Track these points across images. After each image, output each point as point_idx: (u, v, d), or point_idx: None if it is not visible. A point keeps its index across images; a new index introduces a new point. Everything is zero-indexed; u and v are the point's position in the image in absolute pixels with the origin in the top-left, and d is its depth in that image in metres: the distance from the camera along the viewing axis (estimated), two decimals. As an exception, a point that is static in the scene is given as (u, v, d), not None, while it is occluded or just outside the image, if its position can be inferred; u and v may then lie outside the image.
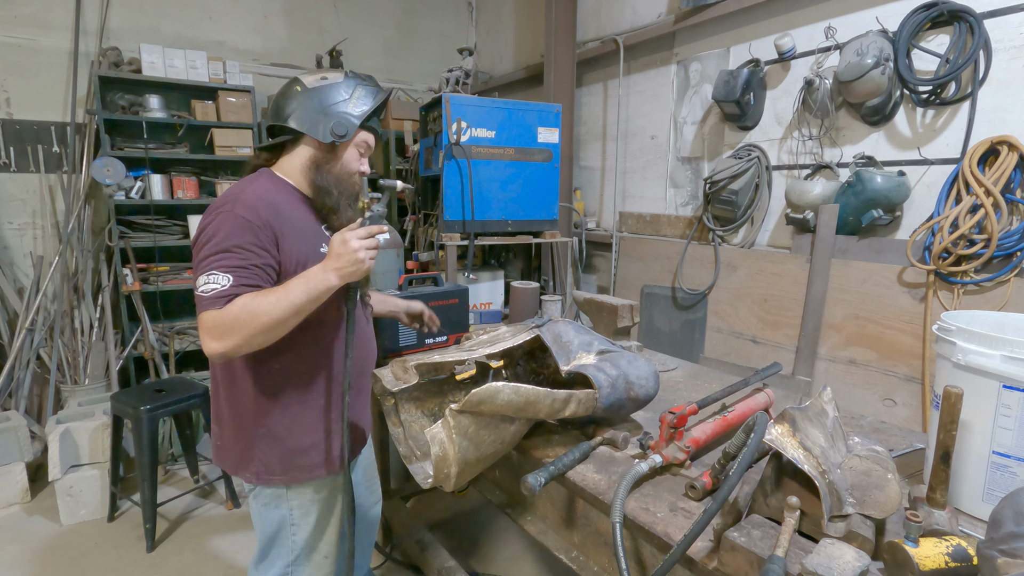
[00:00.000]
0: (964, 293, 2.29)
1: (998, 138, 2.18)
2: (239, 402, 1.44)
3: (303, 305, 1.28)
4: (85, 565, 2.64)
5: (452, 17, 5.58)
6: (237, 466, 1.48)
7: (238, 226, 1.29)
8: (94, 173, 3.63)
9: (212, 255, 1.27)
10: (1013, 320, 1.24)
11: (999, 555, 0.80)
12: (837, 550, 0.88)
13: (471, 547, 2.79)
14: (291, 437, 1.46)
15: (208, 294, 1.24)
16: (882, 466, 1.09)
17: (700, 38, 3.39)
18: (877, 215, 2.48)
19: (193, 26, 4.36)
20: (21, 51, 3.80)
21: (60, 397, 3.70)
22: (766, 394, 1.65)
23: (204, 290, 1.24)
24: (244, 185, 1.39)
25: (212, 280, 1.25)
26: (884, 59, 2.37)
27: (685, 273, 3.42)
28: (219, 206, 1.33)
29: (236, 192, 1.36)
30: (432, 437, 1.27)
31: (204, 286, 1.25)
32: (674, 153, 3.64)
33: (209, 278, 1.25)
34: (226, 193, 1.38)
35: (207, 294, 1.24)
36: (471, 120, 2.72)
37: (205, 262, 1.27)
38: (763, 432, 1.02)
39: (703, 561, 1.02)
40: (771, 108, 3.03)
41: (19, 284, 3.87)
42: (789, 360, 2.84)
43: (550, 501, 1.50)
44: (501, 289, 2.99)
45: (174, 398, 2.86)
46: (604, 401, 1.44)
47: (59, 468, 2.88)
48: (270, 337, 1.28)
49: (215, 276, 1.25)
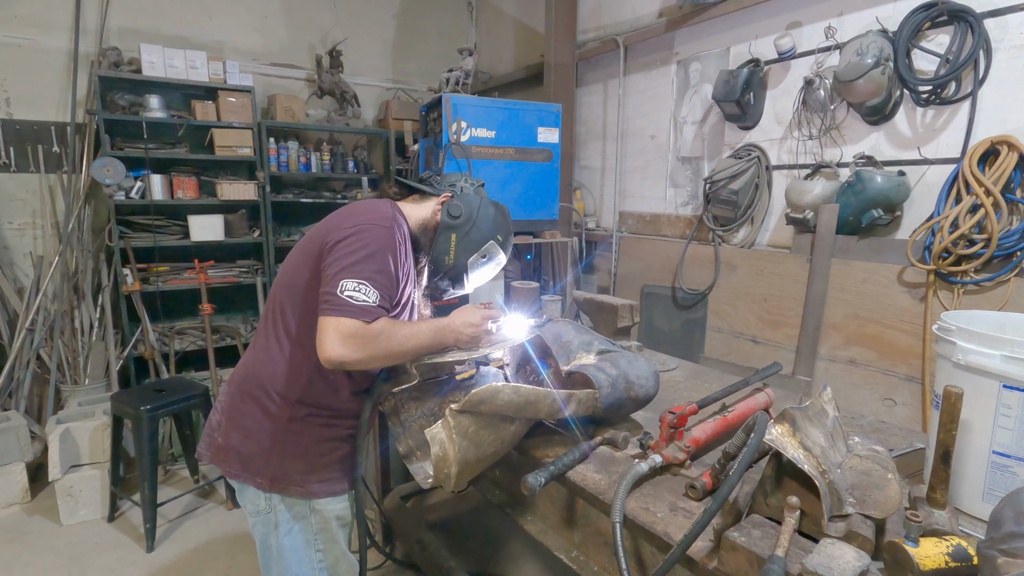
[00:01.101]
0: (964, 293, 2.29)
1: (998, 138, 2.18)
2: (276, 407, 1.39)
3: (426, 349, 1.39)
4: (85, 565, 2.64)
5: (452, 17, 5.58)
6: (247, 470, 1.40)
7: (394, 248, 1.33)
8: (94, 173, 3.63)
9: (368, 264, 1.27)
10: (1013, 320, 1.24)
11: (999, 555, 0.80)
12: (837, 550, 0.87)
13: (471, 547, 2.79)
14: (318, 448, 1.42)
15: (358, 302, 1.23)
16: (882, 466, 1.09)
17: (700, 38, 3.39)
18: (877, 215, 2.48)
19: (193, 26, 4.36)
20: (21, 51, 3.80)
21: (60, 397, 3.70)
22: (766, 394, 1.65)
23: (355, 296, 1.23)
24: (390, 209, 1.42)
25: (364, 291, 1.24)
26: (884, 59, 2.37)
27: (685, 273, 3.42)
28: (378, 218, 1.35)
29: (389, 212, 1.39)
30: (432, 437, 1.27)
31: (355, 292, 1.23)
32: (674, 153, 3.64)
33: (361, 287, 1.24)
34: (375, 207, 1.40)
35: (357, 302, 1.23)
36: (471, 120, 2.72)
37: (359, 267, 1.26)
38: (763, 432, 1.02)
39: (703, 561, 1.02)
40: (771, 108, 3.03)
41: (19, 284, 3.87)
42: (789, 360, 2.84)
43: (550, 501, 1.50)
44: (501, 289, 2.99)
45: (174, 398, 2.86)
46: (604, 401, 1.44)
47: (59, 468, 2.88)
48: (388, 363, 1.34)
49: (366, 288, 1.25)
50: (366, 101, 5.12)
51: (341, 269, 1.26)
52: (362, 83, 5.09)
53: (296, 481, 1.40)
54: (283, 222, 4.73)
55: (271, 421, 1.39)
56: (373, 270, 1.27)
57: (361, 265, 1.27)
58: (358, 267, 1.26)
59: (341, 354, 1.21)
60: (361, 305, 1.23)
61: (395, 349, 1.29)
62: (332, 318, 1.22)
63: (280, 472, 1.39)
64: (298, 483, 1.40)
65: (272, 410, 1.39)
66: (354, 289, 1.24)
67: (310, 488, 1.41)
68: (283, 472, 1.39)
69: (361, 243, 1.30)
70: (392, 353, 1.30)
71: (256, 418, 1.40)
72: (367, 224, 1.33)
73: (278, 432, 1.39)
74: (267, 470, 1.39)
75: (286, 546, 1.44)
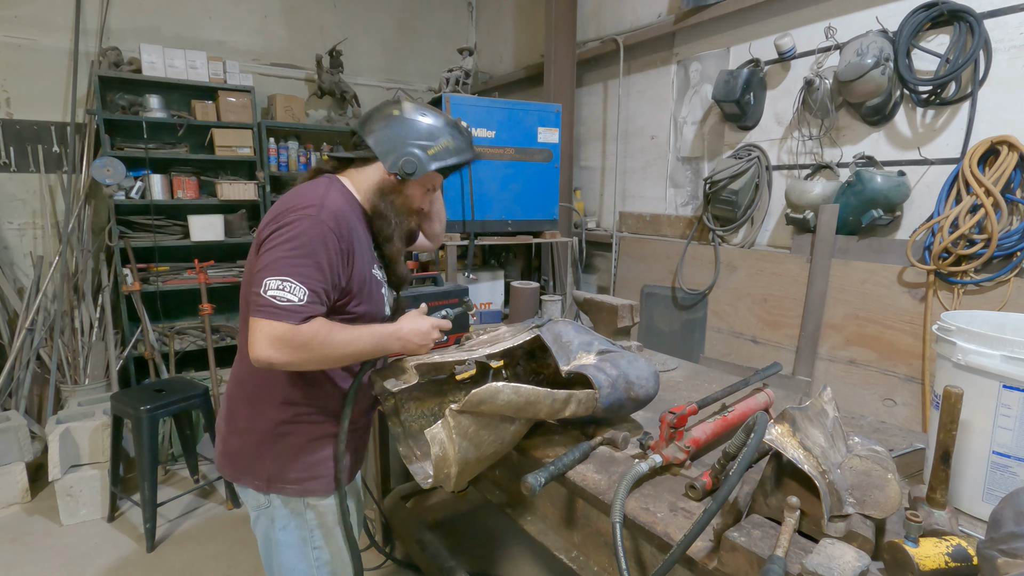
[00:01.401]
0: (964, 293, 2.29)
1: (998, 138, 2.18)
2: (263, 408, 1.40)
3: (367, 355, 1.37)
4: (85, 565, 2.64)
5: (452, 17, 5.58)
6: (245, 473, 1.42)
7: (322, 236, 1.25)
8: (94, 173, 3.63)
9: (292, 259, 1.21)
10: (1013, 320, 1.24)
11: (999, 555, 0.80)
12: (837, 550, 0.87)
13: (471, 547, 2.79)
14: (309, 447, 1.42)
15: (283, 304, 1.18)
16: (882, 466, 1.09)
17: (700, 38, 3.39)
18: (877, 215, 2.48)
19: (193, 26, 4.36)
20: (21, 51, 3.80)
21: (60, 397, 3.70)
22: (766, 394, 1.65)
23: (278, 296, 1.18)
24: (321, 190, 1.34)
25: (288, 289, 1.19)
26: (884, 59, 2.37)
27: (685, 273, 3.42)
28: (302, 206, 1.27)
29: (319, 195, 1.31)
30: (432, 437, 1.27)
31: (279, 292, 1.19)
32: (674, 153, 3.64)
33: (285, 285, 1.19)
34: (303, 193, 1.32)
35: (281, 303, 1.18)
36: (471, 120, 2.72)
37: (282, 263, 1.21)
38: (763, 432, 1.02)
39: (703, 561, 1.02)
40: (771, 108, 3.03)
41: (19, 284, 3.87)
42: (789, 360, 2.84)
43: (550, 501, 1.50)
44: (501, 289, 2.99)
45: (174, 398, 2.86)
46: (604, 401, 1.44)
47: (59, 468, 2.88)
48: (325, 367, 1.33)
49: (291, 285, 1.19)
50: (366, 101, 5.12)
51: (264, 267, 1.22)
52: (362, 83, 5.09)
53: (291, 480, 1.41)
54: (283, 222, 4.72)
55: (261, 423, 1.40)
56: (297, 265, 1.21)
57: (284, 261, 1.21)
58: (281, 263, 1.21)
59: (269, 355, 1.18)
60: (285, 306, 1.18)
61: (330, 354, 1.25)
62: (260, 320, 1.18)
63: (275, 472, 1.40)
64: (293, 482, 1.41)
65: (260, 412, 1.40)
66: (277, 288, 1.19)
67: (306, 486, 1.42)
68: (277, 472, 1.40)
69: (284, 237, 1.24)
70: (327, 357, 1.26)
71: (248, 421, 1.42)
72: (289, 215, 1.26)
73: (268, 434, 1.40)
74: (262, 471, 1.40)
75: (282, 541, 1.46)
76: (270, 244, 1.25)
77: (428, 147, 1.45)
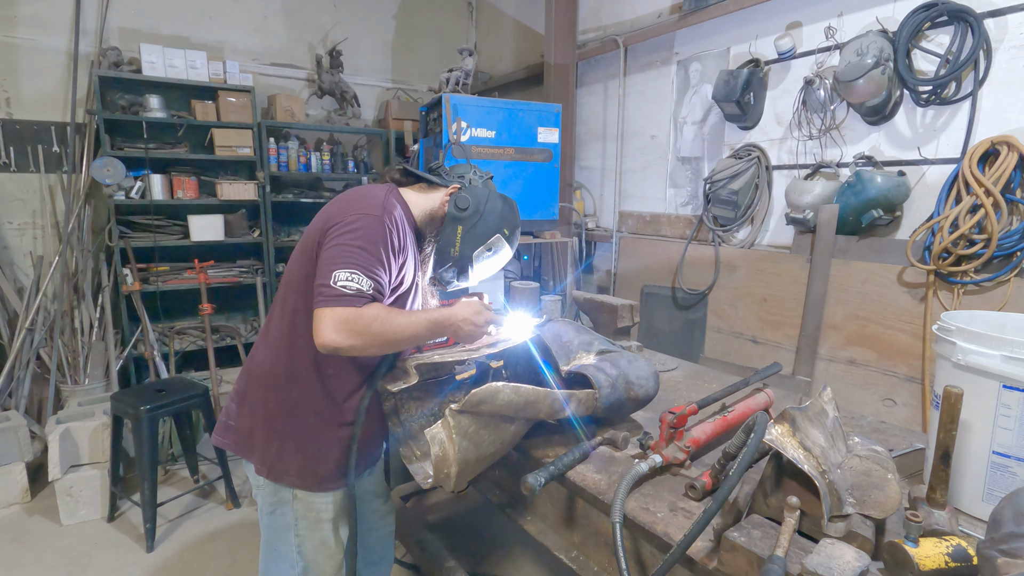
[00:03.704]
0: (964, 293, 2.29)
1: (998, 138, 2.18)
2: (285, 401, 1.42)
3: (423, 338, 1.39)
4: (85, 565, 2.64)
5: (452, 17, 5.58)
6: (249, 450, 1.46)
7: (383, 235, 1.32)
8: (94, 173, 3.63)
9: (359, 254, 1.28)
10: (1013, 320, 1.24)
11: (999, 555, 0.80)
12: (837, 550, 0.88)
13: (471, 547, 2.79)
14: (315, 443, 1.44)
15: (351, 290, 1.25)
16: (882, 466, 1.09)
17: (700, 38, 3.39)
18: (877, 215, 2.48)
19: (193, 26, 4.36)
20: (21, 51, 3.80)
21: (60, 397, 3.70)
22: (766, 394, 1.65)
23: (347, 285, 1.25)
24: (384, 193, 1.42)
25: (355, 279, 1.26)
26: (884, 59, 2.37)
27: (685, 273, 3.42)
28: (368, 207, 1.35)
29: (380, 198, 1.39)
30: (432, 437, 1.27)
31: (348, 282, 1.25)
32: (674, 153, 3.64)
33: (353, 275, 1.26)
34: (367, 196, 1.40)
35: (350, 292, 1.24)
36: (471, 120, 2.72)
37: (349, 258, 1.27)
38: (763, 432, 1.02)
39: (703, 561, 1.02)
40: (771, 108, 3.03)
41: (19, 284, 3.87)
42: (789, 360, 2.84)
43: (550, 501, 1.50)
44: (501, 289, 2.99)
45: (174, 398, 2.86)
46: (604, 401, 1.44)
47: (59, 468, 2.88)
48: (384, 351, 1.34)
49: (358, 277, 1.26)
50: (366, 101, 5.12)
51: (332, 260, 1.28)
52: (362, 83, 5.09)
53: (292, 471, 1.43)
54: (283, 222, 4.72)
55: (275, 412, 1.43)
56: (364, 259, 1.28)
57: (352, 256, 1.28)
58: (349, 257, 1.28)
59: (334, 339, 1.23)
60: (353, 294, 1.25)
61: (390, 337, 1.29)
62: (326, 308, 1.24)
63: (278, 461, 1.43)
64: (293, 474, 1.43)
65: (276, 402, 1.42)
66: (346, 279, 1.25)
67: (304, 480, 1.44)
68: (280, 461, 1.43)
69: (352, 234, 1.30)
70: (387, 340, 1.30)
71: (264, 407, 1.44)
72: (356, 214, 1.33)
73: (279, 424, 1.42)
74: (266, 457, 1.43)
75: (267, 524, 1.50)
76: (336, 240, 1.31)
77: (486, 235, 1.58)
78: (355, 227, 1.31)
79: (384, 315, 1.28)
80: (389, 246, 1.34)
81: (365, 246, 1.30)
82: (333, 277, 1.25)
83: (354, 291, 1.25)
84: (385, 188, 1.47)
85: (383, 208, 1.36)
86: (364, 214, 1.33)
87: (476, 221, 1.54)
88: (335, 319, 1.23)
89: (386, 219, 1.34)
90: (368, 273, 1.28)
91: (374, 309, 1.27)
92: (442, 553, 2.25)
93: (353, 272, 1.26)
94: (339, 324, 1.23)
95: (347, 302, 1.24)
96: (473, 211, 1.54)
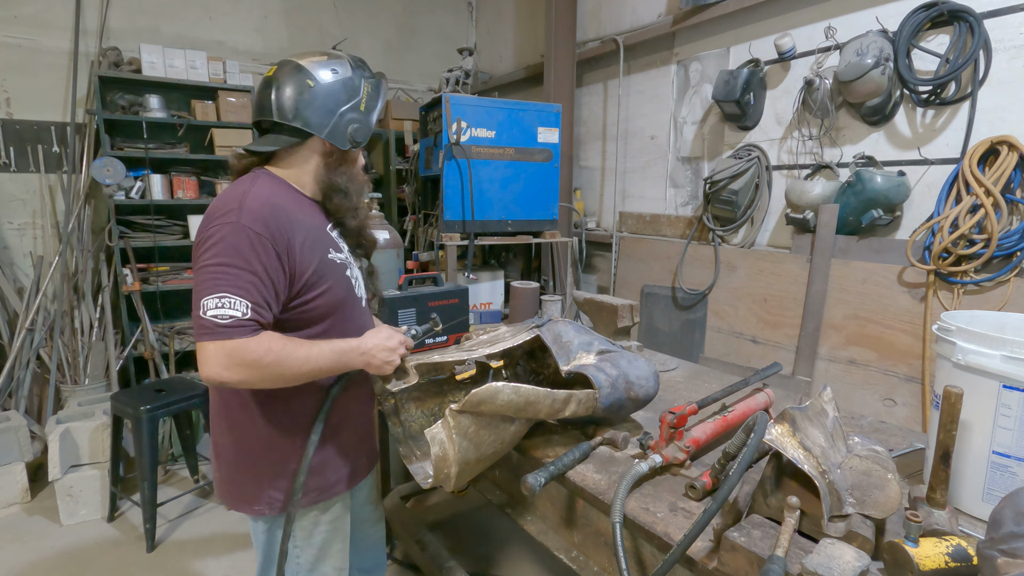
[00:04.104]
0: (964, 293, 2.29)
1: (998, 138, 2.18)
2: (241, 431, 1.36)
3: (328, 371, 1.29)
4: (85, 565, 2.64)
5: (452, 17, 5.58)
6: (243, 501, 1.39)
7: (248, 242, 1.17)
8: (94, 173, 3.63)
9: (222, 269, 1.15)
10: (1013, 320, 1.24)
11: (999, 555, 0.80)
12: (837, 550, 0.88)
13: (471, 547, 2.79)
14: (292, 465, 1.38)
15: (225, 321, 1.13)
16: (882, 466, 1.09)
17: (700, 38, 3.39)
18: (877, 215, 2.48)
19: (193, 26, 4.36)
20: (21, 51, 3.80)
21: (60, 397, 3.70)
22: (766, 394, 1.65)
23: (219, 316, 1.12)
24: (244, 188, 1.26)
25: (227, 305, 1.13)
26: (884, 59, 2.37)
27: (685, 273, 3.42)
28: (222, 214, 1.20)
29: (237, 197, 1.23)
30: (432, 437, 1.27)
31: (218, 311, 1.13)
32: (674, 153, 3.64)
33: (223, 301, 1.13)
34: (225, 199, 1.24)
35: (224, 321, 1.12)
36: (471, 120, 2.72)
37: (213, 277, 1.15)
38: (763, 432, 1.02)
39: (703, 561, 1.02)
40: (771, 108, 3.03)
41: (19, 284, 3.87)
42: (789, 360, 2.84)
43: (550, 501, 1.50)
44: (501, 289, 2.99)
45: (174, 398, 2.86)
46: (604, 401, 1.44)
47: (59, 468, 2.88)
48: (280, 384, 1.24)
49: (229, 300, 1.13)
50: (366, 101, 5.11)
51: (198, 286, 1.17)
52: (362, 83, 5.08)
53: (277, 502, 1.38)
54: (283, 222, 4.72)
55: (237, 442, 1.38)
56: (231, 278, 1.15)
57: (217, 277, 1.15)
58: (213, 280, 1.15)
59: (220, 374, 1.14)
60: (230, 323, 1.13)
61: (286, 371, 1.20)
62: (205, 343, 1.14)
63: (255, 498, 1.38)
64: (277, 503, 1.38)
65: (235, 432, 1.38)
66: (216, 307, 1.13)
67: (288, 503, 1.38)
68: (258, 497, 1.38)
69: (211, 250, 1.17)
70: (283, 375, 1.20)
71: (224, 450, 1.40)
72: (213, 226, 1.19)
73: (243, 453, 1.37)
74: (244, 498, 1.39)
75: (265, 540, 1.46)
76: (199, 262, 1.18)
77: (358, 103, 1.38)
78: (213, 241, 1.17)
79: (279, 347, 1.17)
80: (260, 248, 1.18)
81: (228, 260, 1.15)
82: (202, 307, 1.13)
83: (228, 319, 1.13)
84: (249, 179, 1.30)
85: (239, 208, 1.20)
86: (220, 223, 1.18)
87: (332, 130, 1.34)
88: (218, 352, 1.13)
89: (245, 220, 1.18)
90: (240, 293, 1.14)
91: (264, 341, 1.16)
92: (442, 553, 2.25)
93: (223, 297, 1.13)
94: (223, 358, 1.13)
95: (229, 334, 1.13)
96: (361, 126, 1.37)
